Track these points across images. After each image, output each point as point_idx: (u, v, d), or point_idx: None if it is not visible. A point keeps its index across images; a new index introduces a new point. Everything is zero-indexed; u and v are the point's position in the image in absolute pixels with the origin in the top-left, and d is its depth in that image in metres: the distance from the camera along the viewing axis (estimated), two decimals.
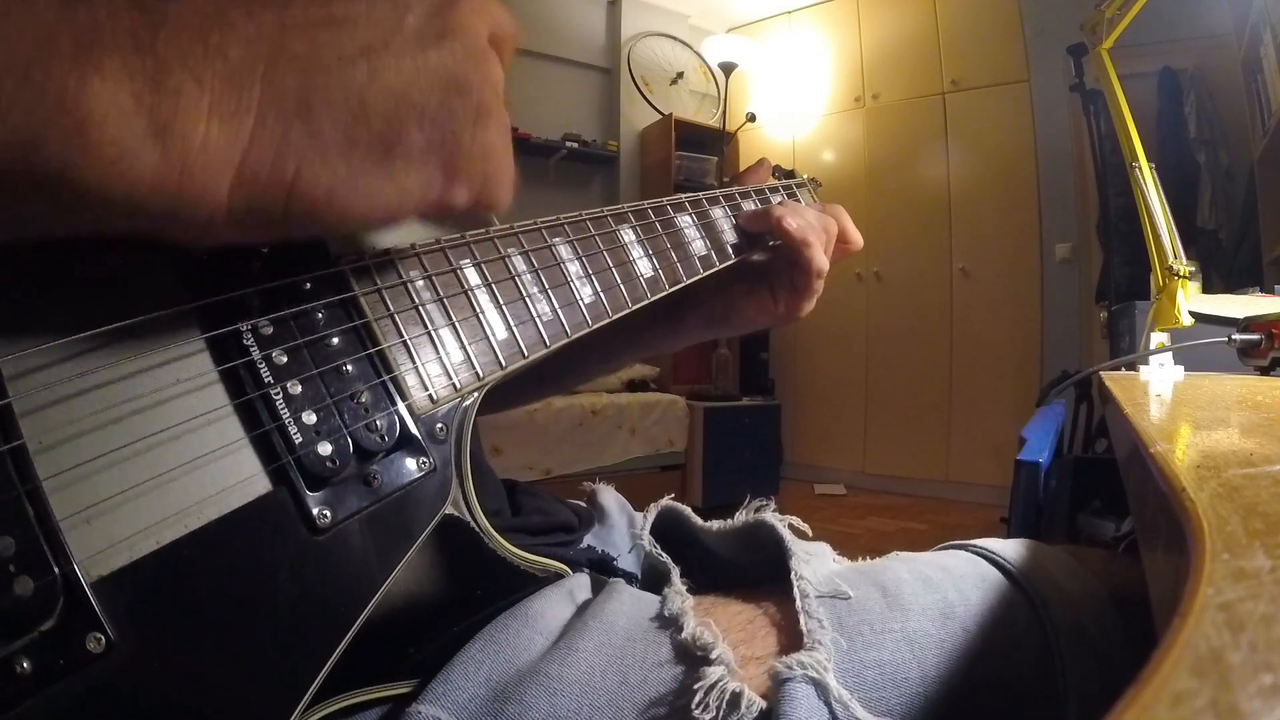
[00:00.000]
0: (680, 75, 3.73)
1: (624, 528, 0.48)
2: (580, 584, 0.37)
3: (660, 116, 3.53)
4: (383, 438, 0.28)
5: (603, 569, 0.42)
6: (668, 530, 0.46)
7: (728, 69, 3.56)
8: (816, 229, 0.48)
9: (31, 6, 0.18)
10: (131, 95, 0.19)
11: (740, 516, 0.43)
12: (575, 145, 3.33)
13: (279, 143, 0.21)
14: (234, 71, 0.20)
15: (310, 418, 0.26)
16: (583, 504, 0.50)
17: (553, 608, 0.34)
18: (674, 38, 3.75)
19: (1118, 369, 0.98)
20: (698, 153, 3.49)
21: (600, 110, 3.66)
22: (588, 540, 0.44)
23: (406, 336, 0.30)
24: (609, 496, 0.51)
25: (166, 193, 0.20)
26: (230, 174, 0.21)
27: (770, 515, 0.41)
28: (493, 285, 0.33)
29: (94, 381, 0.23)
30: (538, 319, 0.34)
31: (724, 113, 3.67)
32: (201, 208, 0.21)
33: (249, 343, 0.26)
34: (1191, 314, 1.19)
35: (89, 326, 0.23)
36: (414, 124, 0.24)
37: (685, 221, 0.46)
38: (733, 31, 3.87)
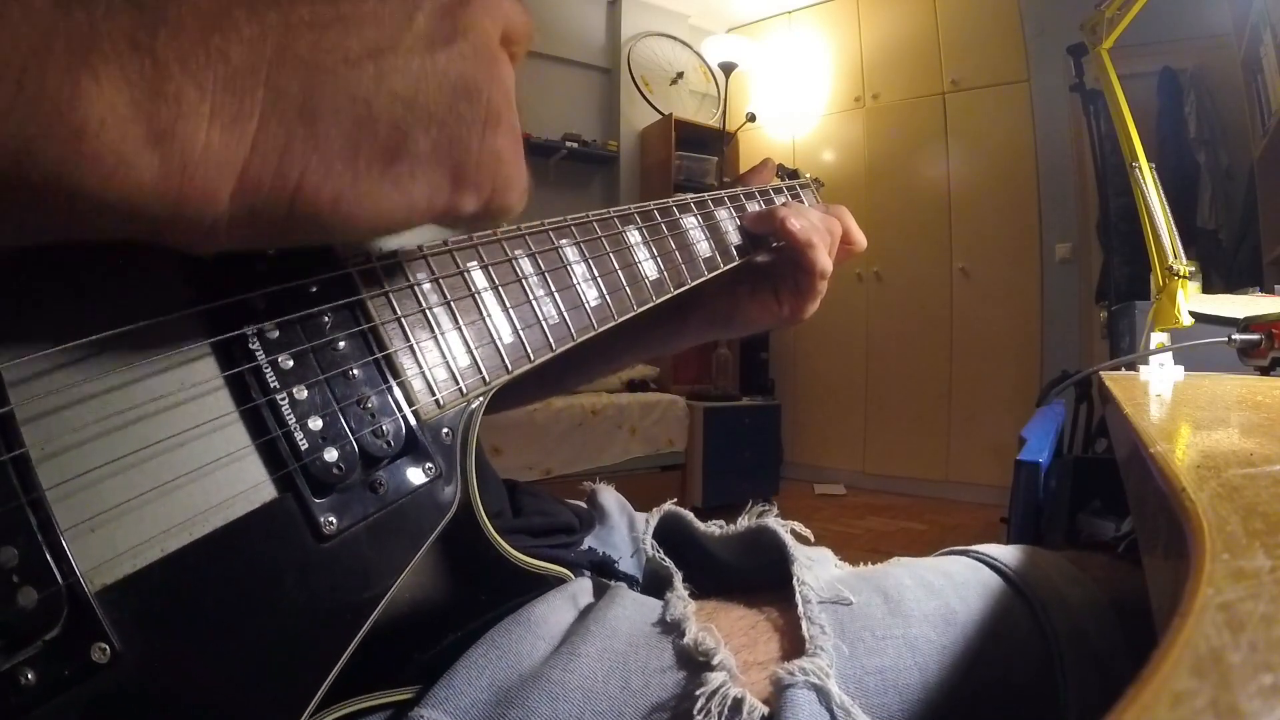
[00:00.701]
0: (680, 75, 3.73)
1: (624, 528, 0.48)
2: (582, 588, 0.37)
3: (660, 116, 3.52)
4: (389, 443, 0.28)
5: (604, 572, 0.42)
6: (669, 534, 0.46)
7: (728, 69, 3.55)
8: (820, 230, 0.48)
9: (26, 7, 0.17)
10: (129, 101, 0.18)
11: (743, 521, 0.43)
12: (575, 145, 3.33)
13: (282, 149, 0.21)
14: (236, 75, 0.20)
15: (316, 423, 0.26)
16: (583, 504, 0.50)
17: (555, 612, 0.34)
18: (674, 38, 3.74)
19: (1118, 369, 0.98)
20: (698, 153, 3.49)
21: (600, 110, 3.65)
22: (588, 542, 0.44)
23: (413, 340, 0.30)
24: (609, 497, 0.51)
25: (166, 199, 0.19)
26: (232, 180, 0.20)
27: (773, 520, 0.41)
28: (499, 288, 0.33)
29: (98, 388, 0.23)
30: (544, 322, 0.34)
31: (724, 113, 3.66)
32: (202, 214, 0.20)
33: (255, 347, 0.26)
34: (1191, 314, 1.19)
35: (92, 331, 0.23)
36: (421, 129, 0.23)
37: (690, 223, 0.45)
38: (733, 31, 3.86)
